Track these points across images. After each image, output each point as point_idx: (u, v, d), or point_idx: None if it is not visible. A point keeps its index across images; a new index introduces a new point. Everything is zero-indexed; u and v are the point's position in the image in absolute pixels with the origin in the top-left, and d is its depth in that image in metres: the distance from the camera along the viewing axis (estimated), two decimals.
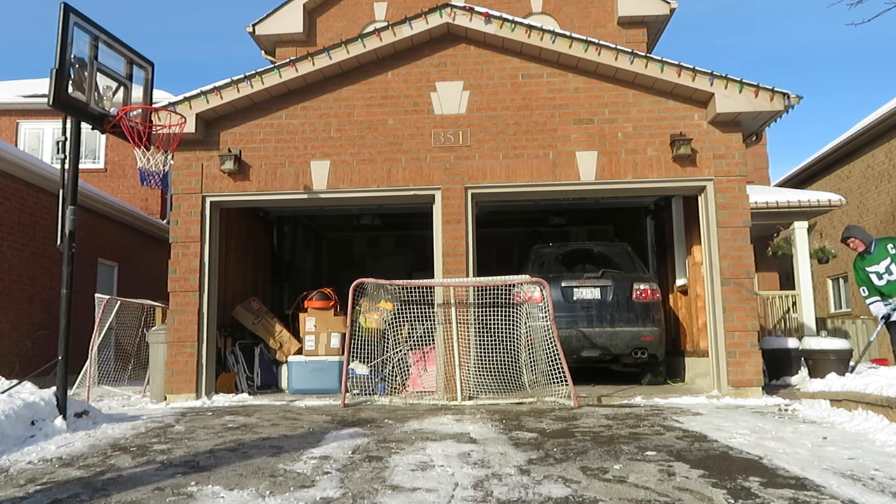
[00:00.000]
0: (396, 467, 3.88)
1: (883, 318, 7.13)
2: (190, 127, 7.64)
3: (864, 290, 7.32)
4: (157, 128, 6.69)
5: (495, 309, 7.66)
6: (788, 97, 7.41)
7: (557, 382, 7.04)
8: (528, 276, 7.69)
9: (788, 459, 3.97)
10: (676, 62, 7.55)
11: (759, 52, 71.14)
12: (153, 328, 8.44)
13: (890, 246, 7.16)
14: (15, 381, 5.79)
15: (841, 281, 16.97)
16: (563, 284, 8.38)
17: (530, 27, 7.77)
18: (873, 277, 7.23)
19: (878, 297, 7.17)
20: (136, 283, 13.53)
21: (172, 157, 7.37)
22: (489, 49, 8.12)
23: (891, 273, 7.12)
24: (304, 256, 12.62)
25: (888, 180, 14.59)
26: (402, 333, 8.14)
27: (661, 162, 7.75)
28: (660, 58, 7.60)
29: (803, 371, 8.42)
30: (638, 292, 8.39)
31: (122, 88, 6.25)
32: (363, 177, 7.97)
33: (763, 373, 7.40)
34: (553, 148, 7.88)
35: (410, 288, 7.82)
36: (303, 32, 12.40)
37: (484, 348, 7.56)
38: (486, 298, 7.74)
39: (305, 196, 8.05)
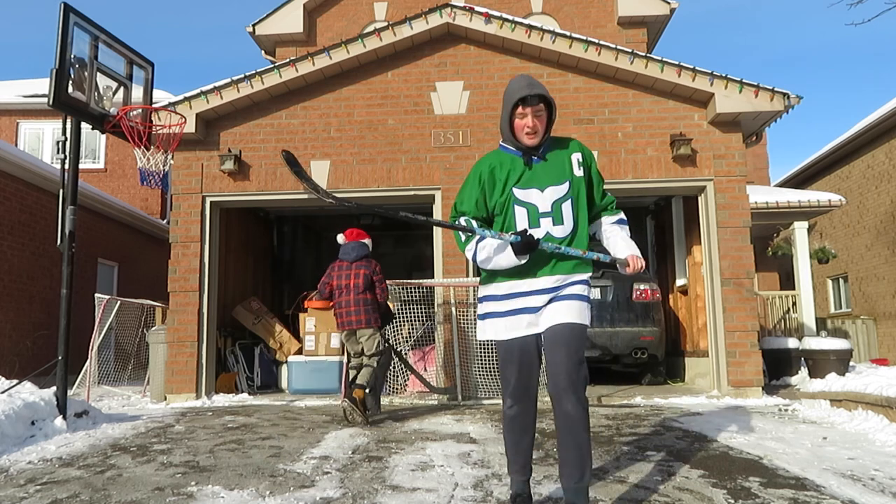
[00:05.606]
0: (396, 467, 3.88)
1: None
2: (190, 127, 7.64)
3: None
4: (157, 128, 6.68)
5: None
6: (788, 97, 7.41)
7: None
8: None
9: (788, 459, 3.97)
10: (676, 62, 7.55)
11: (759, 52, 71.19)
12: (153, 328, 8.44)
13: None
14: (15, 381, 5.79)
15: (841, 281, 16.96)
16: None
17: (530, 27, 7.77)
18: None
19: None
20: (136, 283, 13.51)
21: (172, 157, 7.37)
22: (489, 49, 8.12)
23: None
24: (304, 256, 12.60)
25: (888, 180, 14.58)
26: (401, 333, 8.13)
27: (661, 162, 7.75)
28: (660, 58, 7.61)
29: (803, 371, 8.42)
30: (638, 292, 8.39)
31: (122, 88, 6.25)
32: (363, 177, 7.98)
33: (763, 373, 7.38)
34: None
35: (410, 288, 7.82)
36: (303, 32, 12.39)
37: (484, 348, 7.56)
38: None
39: (305, 196, 8.05)
